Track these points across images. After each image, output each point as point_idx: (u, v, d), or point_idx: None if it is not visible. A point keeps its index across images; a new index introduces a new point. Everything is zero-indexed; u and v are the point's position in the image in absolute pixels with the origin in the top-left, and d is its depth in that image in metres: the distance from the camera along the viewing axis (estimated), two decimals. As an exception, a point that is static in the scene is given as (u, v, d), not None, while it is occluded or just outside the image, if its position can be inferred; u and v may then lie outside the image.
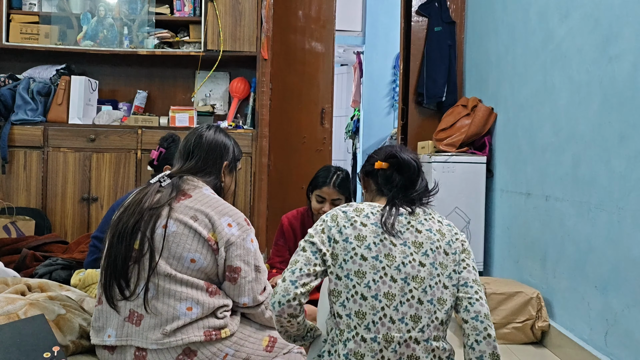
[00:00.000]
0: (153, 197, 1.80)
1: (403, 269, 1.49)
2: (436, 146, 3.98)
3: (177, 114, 4.07)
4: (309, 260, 1.52)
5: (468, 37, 4.46)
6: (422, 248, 1.53)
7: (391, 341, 1.45)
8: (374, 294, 1.47)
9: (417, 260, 1.51)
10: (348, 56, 8.95)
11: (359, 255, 1.50)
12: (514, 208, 3.39)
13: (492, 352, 1.48)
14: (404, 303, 1.47)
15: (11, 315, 1.76)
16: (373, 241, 1.51)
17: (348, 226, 1.54)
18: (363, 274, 1.48)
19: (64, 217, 3.89)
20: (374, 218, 1.55)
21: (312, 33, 4.99)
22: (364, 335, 1.45)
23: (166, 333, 1.66)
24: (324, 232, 1.56)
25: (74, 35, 4.14)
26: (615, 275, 2.27)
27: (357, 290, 1.47)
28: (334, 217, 1.58)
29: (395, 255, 1.50)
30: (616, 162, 2.28)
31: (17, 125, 3.85)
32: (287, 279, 1.49)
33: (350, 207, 1.60)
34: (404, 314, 1.46)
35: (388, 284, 1.47)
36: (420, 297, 1.48)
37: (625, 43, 2.25)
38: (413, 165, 1.64)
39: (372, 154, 1.77)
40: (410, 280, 1.48)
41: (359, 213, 1.57)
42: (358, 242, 1.51)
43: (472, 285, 1.54)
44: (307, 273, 1.50)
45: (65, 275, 2.88)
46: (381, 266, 1.49)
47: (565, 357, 2.61)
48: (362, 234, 1.52)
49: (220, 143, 1.99)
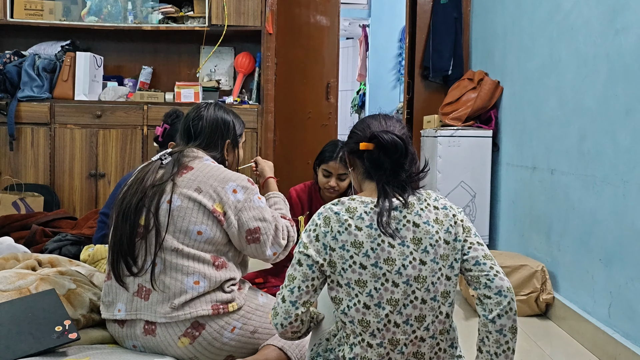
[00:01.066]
0: (155, 174, 1.82)
1: (404, 271, 1.44)
2: (442, 120, 3.97)
3: (182, 90, 4.07)
4: (306, 276, 1.46)
5: (474, 9, 4.41)
6: (421, 244, 1.46)
7: (397, 344, 1.44)
8: (377, 302, 1.43)
9: (417, 258, 1.45)
10: (353, 29, 8.88)
11: (358, 264, 1.43)
12: (519, 182, 3.40)
13: (512, 325, 1.45)
14: (408, 305, 1.44)
15: (23, 290, 1.80)
16: (370, 247, 1.44)
17: (343, 231, 1.45)
18: (364, 282, 1.43)
19: (72, 193, 3.92)
20: (368, 219, 1.46)
21: (316, 6, 4.95)
22: (370, 341, 1.44)
23: (174, 307, 1.69)
24: (318, 239, 1.47)
25: (78, 10, 4.12)
26: (619, 248, 2.28)
27: (360, 300, 1.43)
28: (327, 220, 1.48)
29: (394, 258, 1.44)
30: (622, 136, 2.27)
31: (23, 102, 3.86)
32: (287, 299, 1.46)
33: (342, 205, 1.50)
34: (408, 315, 1.44)
35: (390, 290, 1.43)
36: (424, 296, 1.45)
37: (633, 15, 2.22)
38: (400, 145, 1.50)
39: (354, 129, 1.63)
40: (413, 281, 1.44)
41: (352, 214, 1.47)
42: (355, 250, 1.44)
43: (485, 261, 1.49)
44: (306, 291, 1.46)
45: (75, 251, 2.92)
46: (381, 272, 1.43)
47: (569, 329, 2.64)
48: (358, 239, 1.44)
49: (221, 121, 2.00)
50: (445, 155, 3.78)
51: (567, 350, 2.47)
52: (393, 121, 1.61)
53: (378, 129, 1.54)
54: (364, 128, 1.59)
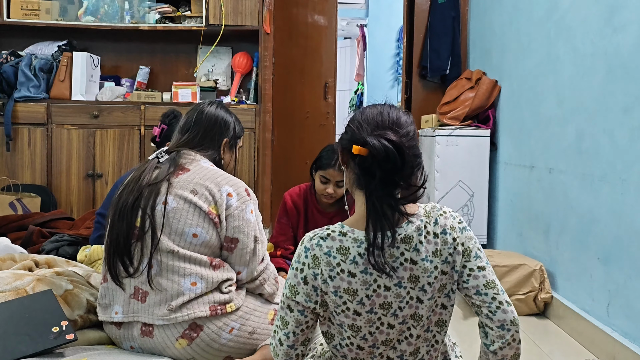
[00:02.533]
0: (151, 173, 1.81)
1: (400, 313, 1.34)
2: (440, 120, 3.97)
3: (179, 90, 4.06)
4: (299, 322, 1.37)
5: (472, 8, 4.41)
6: (418, 282, 1.33)
7: None
8: (371, 344, 1.36)
9: (414, 297, 1.34)
10: (351, 29, 8.88)
11: (352, 311, 1.33)
12: (517, 181, 3.39)
13: (514, 353, 1.35)
14: (402, 341, 1.38)
15: (19, 291, 1.79)
16: (366, 294, 1.32)
17: (335, 276, 1.31)
18: (358, 328, 1.34)
19: (69, 193, 3.91)
20: (362, 263, 1.31)
21: (314, 6, 4.94)
22: None
23: (172, 309, 1.68)
24: (307, 282, 1.34)
25: (74, 10, 4.11)
26: (617, 247, 2.28)
27: (353, 342, 1.36)
28: (316, 261, 1.33)
29: (391, 302, 1.33)
30: (620, 134, 2.27)
31: (20, 102, 3.84)
32: (284, 343, 1.38)
33: (333, 242, 1.33)
34: (402, 351, 1.39)
35: (386, 332, 1.35)
36: (418, 333, 1.38)
37: (630, 13, 2.22)
38: (392, 155, 1.27)
39: (350, 121, 1.42)
40: (409, 319, 1.36)
41: (345, 257, 1.31)
42: (349, 297, 1.32)
43: (487, 291, 1.35)
44: (301, 334, 1.38)
45: (72, 251, 2.91)
46: (377, 317, 1.34)
47: (567, 328, 2.64)
48: (352, 287, 1.31)
49: (221, 119, 1.99)
50: (443, 155, 3.78)
51: (565, 349, 2.47)
52: (398, 114, 1.40)
53: (374, 129, 1.33)
54: (360, 124, 1.37)
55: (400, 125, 1.36)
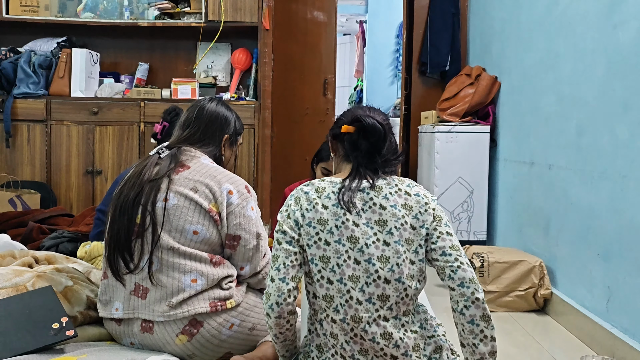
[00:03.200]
0: (152, 169, 1.81)
1: (366, 250, 1.47)
2: (440, 116, 3.97)
3: (179, 86, 4.06)
4: (288, 252, 1.50)
5: (472, 4, 4.40)
6: (386, 226, 1.50)
7: (359, 321, 1.45)
8: (339, 277, 1.47)
9: (381, 239, 1.49)
10: (351, 25, 8.87)
11: (323, 240, 1.48)
12: (517, 177, 3.39)
13: (482, 314, 1.45)
14: (370, 284, 1.46)
15: (19, 287, 1.79)
16: (335, 224, 1.49)
17: (310, 209, 1.51)
18: (327, 258, 1.48)
19: (68, 190, 3.91)
20: (335, 198, 1.52)
21: (313, 2, 4.93)
22: (334, 317, 1.47)
23: (172, 305, 1.68)
24: (289, 217, 1.53)
25: (74, 7, 4.10)
26: (617, 243, 2.28)
27: (323, 275, 1.48)
28: (297, 200, 1.55)
29: (357, 236, 1.48)
30: (620, 130, 2.27)
31: (19, 99, 3.84)
32: (275, 277, 1.48)
33: (312, 186, 1.56)
34: (371, 294, 1.46)
35: (352, 266, 1.47)
36: (387, 276, 1.46)
37: (630, 9, 2.22)
38: (379, 129, 1.56)
39: (340, 116, 1.70)
40: (375, 260, 1.47)
41: (320, 194, 1.53)
42: (320, 227, 1.49)
43: (451, 252, 1.49)
44: (291, 265, 1.49)
45: (72, 248, 2.91)
46: (344, 249, 1.47)
47: (567, 324, 2.64)
48: (323, 217, 1.49)
49: (221, 115, 1.99)
50: (443, 151, 3.77)
51: (565, 345, 2.48)
52: (377, 111, 1.67)
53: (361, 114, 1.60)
54: (348, 113, 1.66)
55: (381, 115, 1.66)
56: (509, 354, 2.35)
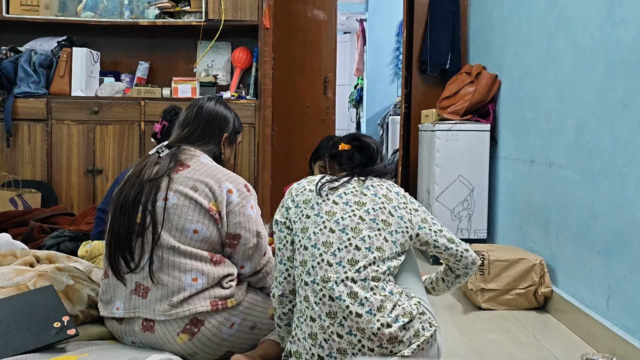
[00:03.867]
0: (152, 168, 1.81)
1: (342, 222, 1.65)
2: (440, 114, 3.97)
3: (179, 85, 4.06)
4: (280, 239, 1.74)
5: (472, 3, 4.40)
6: (364, 206, 1.69)
7: (328, 280, 1.56)
8: (314, 243, 1.63)
9: (357, 215, 1.67)
10: (351, 24, 8.87)
11: (304, 215, 1.69)
12: (517, 175, 3.40)
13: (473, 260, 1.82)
14: (342, 249, 1.61)
15: (21, 287, 1.80)
16: (317, 202, 1.70)
17: (299, 194, 1.75)
18: (306, 229, 1.66)
19: (69, 189, 3.91)
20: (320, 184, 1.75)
21: (314, 1, 4.93)
22: (306, 279, 1.61)
23: (173, 304, 1.68)
24: (282, 205, 1.77)
25: (74, 6, 4.11)
26: (617, 241, 2.28)
27: (302, 244, 1.65)
28: (290, 190, 1.79)
29: (336, 211, 1.67)
30: (620, 129, 2.27)
31: (20, 98, 3.84)
32: (276, 261, 1.74)
33: (306, 179, 1.80)
34: (342, 258, 1.60)
35: (327, 234, 1.63)
36: (358, 244, 1.62)
37: (630, 7, 2.22)
38: (372, 146, 1.85)
39: (336, 140, 1.96)
40: (349, 230, 1.64)
41: (310, 182, 1.77)
42: (305, 205, 1.71)
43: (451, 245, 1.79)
44: (285, 248, 1.72)
45: (73, 247, 2.91)
46: (321, 220, 1.66)
47: (567, 322, 2.64)
48: (307, 198, 1.72)
49: (220, 114, 1.99)
50: (443, 150, 3.78)
51: (565, 343, 2.48)
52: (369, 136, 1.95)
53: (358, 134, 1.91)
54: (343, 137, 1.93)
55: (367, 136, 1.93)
56: (509, 352, 2.36)
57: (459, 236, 3.78)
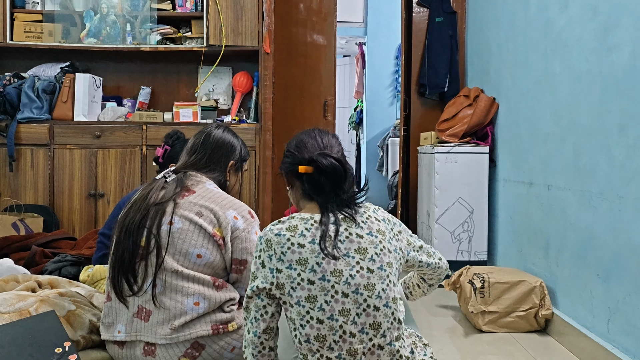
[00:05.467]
0: (158, 193, 1.84)
1: (352, 281, 1.45)
2: (439, 137, 4.00)
3: (181, 110, 4.10)
4: (257, 306, 1.48)
5: (469, 27, 4.46)
6: (367, 254, 1.49)
7: (355, 354, 1.44)
8: (329, 315, 1.44)
9: (364, 267, 1.47)
10: (350, 47, 8.95)
11: (306, 280, 1.44)
12: (516, 197, 3.41)
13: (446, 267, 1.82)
14: (361, 314, 1.45)
15: (23, 312, 1.80)
16: (316, 262, 1.45)
17: (286, 251, 1.46)
18: (314, 298, 1.44)
19: (71, 213, 3.93)
20: (310, 235, 1.48)
21: (313, 26, 5.00)
22: (328, 355, 1.44)
23: (174, 328, 1.69)
24: (264, 265, 1.49)
25: (77, 32, 4.17)
26: (617, 263, 2.29)
27: (312, 316, 1.44)
28: (269, 243, 1.49)
29: (341, 269, 1.45)
30: (616, 151, 2.30)
31: (23, 124, 3.89)
32: (250, 330, 1.49)
33: (282, 224, 1.51)
34: (363, 324, 1.45)
35: (341, 300, 1.44)
36: (376, 303, 1.46)
37: (624, 32, 2.26)
38: (339, 169, 1.54)
39: (289, 148, 1.67)
40: (363, 289, 1.45)
41: (294, 232, 1.48)
42: (301, 267, 1.45)
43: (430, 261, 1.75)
44: (262, 319, 1.48)
45: (74, 271, 2.92)
46: (330, 285, 1.44)
47: (568, 345, 2.64)
48: (302, 257, 1.45)
49: (227, 142, 2.03)
50: (442, 172, 3.80)
51: (567, 365, 2.47)
52: (329, 138, 1.66)
53: (315, 149, 1.60)
54: (300, 148, 1.63)
55: (333, 146, 1.64)
56: (510, 375, 2.35)
57: (459, 258, 3.78)
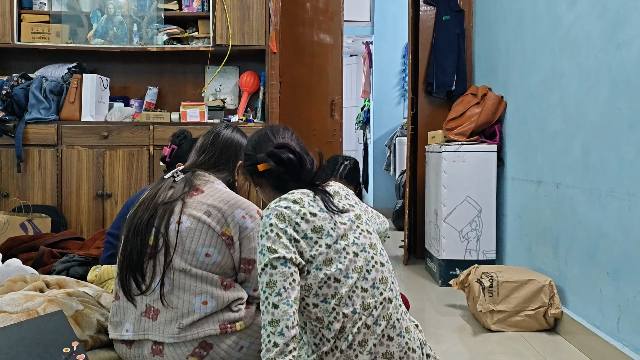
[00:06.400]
0: (166, 192, 1.84)
1: (358, 241, 1.59)
2: (446, 135, 3.98)
3: (188, 110, 4.10)
4: (285, 275, 1.46)
5: (477, 25, 4.44)
6: (362, 219, 1.65)
7: (368, 307, 1.54)
8: (345, 273, 1.53)
9: (364, 230, 1.63)
10: (357, 46, 8.93)
11: (324, 246, 1.54)
12: (525, 196, 3.39)
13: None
14: (371, 270, 1.58)
15: (31, 312, 1.81)
16: (330, 227, 1.56)
17: (300, 221, 1.54)
18: (330, 260, 1.53)
19: (79, 213, 3.94)
20: (317, 205, 1.59)
21: (320, 25, 4.99)
22: (344, 311, 1.51)
23: (182, 327, 1.69)
24: (280, 236, 1.50)
25: (84, 33, 4.18)
26: (626, 261, 2.27)
27: (330, 276, 1.52)
28: (281, 217, 1.53)
29: (347, 234, 1.58)
30: (626, 149, 2.28)
31: (31, 124, 3.90)
32: (279, 303, 1.43)
33: (286, 200, 1.58)
34: (374, 279, 1.57)
35: (353, 260, 1.56)
36: (381, 260, 1.61)
37: (633, 29, 2.24)
38: (292, 159, 1.65)
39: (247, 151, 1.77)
40: (368, 248, 1.60)
41: (301, 204, 1.57)
42: (317, 235, 1.55)
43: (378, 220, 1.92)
44: (291, 287, 1.45)
45: (82, 272, 2.92)
46: (341, 247, 1.55)
47: (578, 344, 2.62)
48: (317, 224, 1.55)
49: (236, 142, 2.03)
50: (450, 171, 3.78)
51: (576, 365, 2.46)
52: (282, 132, 1.74)
53: (265, 146, 1.69)
54: (253, 148, 1.73)
55: (279, 132, 1.73)
56: (519, 374, 2.34)
57: (468, 257, 3.77)
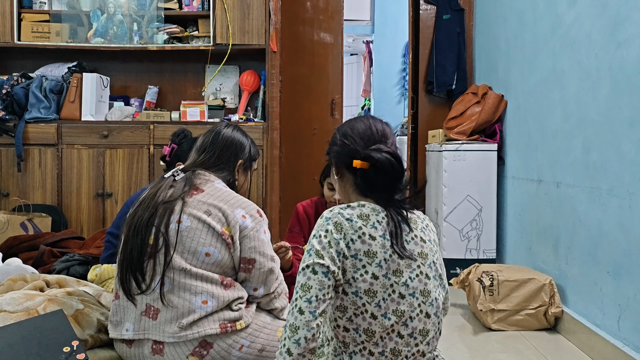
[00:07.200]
0: (166, 191, 1.84)
1: (411, 284, 1.42)
2: (447, 134, 3.98)
3: (188, 109, 4.10)
4: (322, 284, 1.37)
5: (477, 24, 4.44)
6: (427, 260, 1.47)
7: (398, 354, 1.42)
8: (384, 312, 1.40)
9: (424, 273, 1.45)
10: (357, 45, 8.93)
11: (370, 274, 1.40)
12: (525, 195, 3.39)
13: None
14: (414, 318, 1.42)
15: (31, 311, 1.81)
16: (383, 258, 1.41)
17: (356, 240, 1.41)
18: (374, 293, 1.40)
19: (79, 213, 3.94)
20: (381, 229, 1.43)
21: (320, 24, 4.99)
22: (372, 349, 1.42)
23: (182, 326, 1.69)
24: (331, 246, 1.40)
25: (84, 32, 4.17)
26: (627, 260, 2.27)
27: (367, 309, 1.40)
28: (339, 227, 1.42)
29: (402, 270, 1.42)
30: (626, 148, 2.27)
31: (31, 124, 3.90)
32: (306, 310, 1.34)
33: (353, 210, 1.45)
34: (414, 329, 1.43)
35: (397, 300, 1.41)
36: (428, 310, 1.44)
37: (634, 28, 2.23)
38: (395, 165, 1.47)
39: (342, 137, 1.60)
40: (419, 294, 1.43)
41: (366, 222, 1.43)
42: (368, 260, 1.40)
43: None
44: (322, 299, 1.36)
45: (82, 271, 2.92)
46: (389, 283, 1.41)
47: (578, 343, 2.62)
48: (372, 249, 1.41)
49: (237, 141, 2.02)
50: (450, 170, 3.78)
51: (577, 364, 2.46)
52: (383, 126, 1.58)
53: (369, 140, 1.53)
54: (353, 138, 1.56)
55: (387, 136, 1.56)
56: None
57: (468, 256, 3.77)
